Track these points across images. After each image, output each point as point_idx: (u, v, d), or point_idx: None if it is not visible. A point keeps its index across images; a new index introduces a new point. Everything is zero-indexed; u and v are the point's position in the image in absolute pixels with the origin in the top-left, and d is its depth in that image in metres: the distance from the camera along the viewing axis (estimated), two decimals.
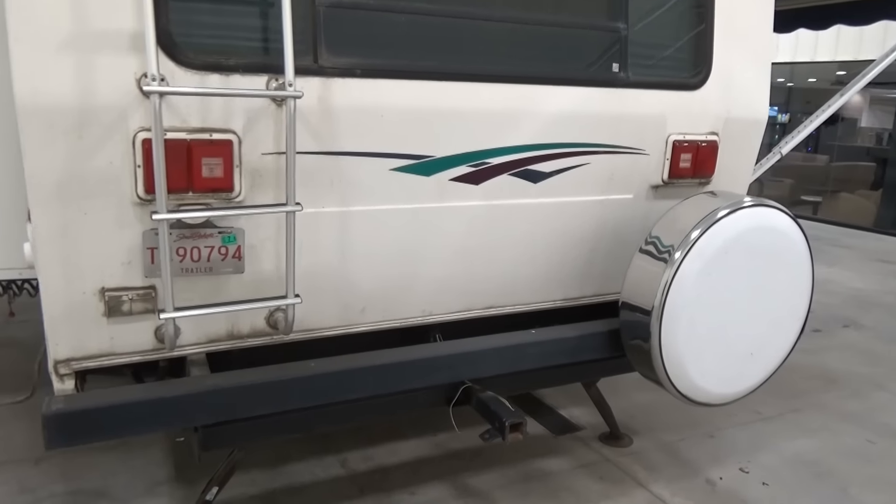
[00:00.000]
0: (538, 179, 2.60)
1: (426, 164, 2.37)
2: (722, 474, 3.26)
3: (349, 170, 2.26)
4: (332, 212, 2.28)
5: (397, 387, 2.34)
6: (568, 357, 2.66)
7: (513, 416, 2.38)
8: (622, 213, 2.84)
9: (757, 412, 3.92)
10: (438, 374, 2.41)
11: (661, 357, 2.45)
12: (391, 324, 2.55)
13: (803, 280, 2.66)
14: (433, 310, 2.61)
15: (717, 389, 2.61)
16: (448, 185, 2.43)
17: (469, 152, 2.44)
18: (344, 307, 2.44)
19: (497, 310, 2.75)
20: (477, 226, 2.55)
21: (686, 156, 2.82)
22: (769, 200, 2.60)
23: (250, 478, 3.07)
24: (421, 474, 3.15)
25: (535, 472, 3.21)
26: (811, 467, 3.35)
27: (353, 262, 2.38)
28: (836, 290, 6.60)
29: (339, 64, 2.14)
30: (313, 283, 2.33)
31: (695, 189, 2.93)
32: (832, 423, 3.83)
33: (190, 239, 2.07)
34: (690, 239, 2.41)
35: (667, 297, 2.39)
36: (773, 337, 2.67)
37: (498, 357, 2.52)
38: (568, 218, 2.73)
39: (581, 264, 2.85)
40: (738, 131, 2.96)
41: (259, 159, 2.09)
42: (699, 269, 2.40)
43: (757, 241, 2.50)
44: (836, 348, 5.04)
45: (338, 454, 3.29)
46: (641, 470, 3.27)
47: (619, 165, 2.76)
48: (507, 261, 2.67)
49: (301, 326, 2.37)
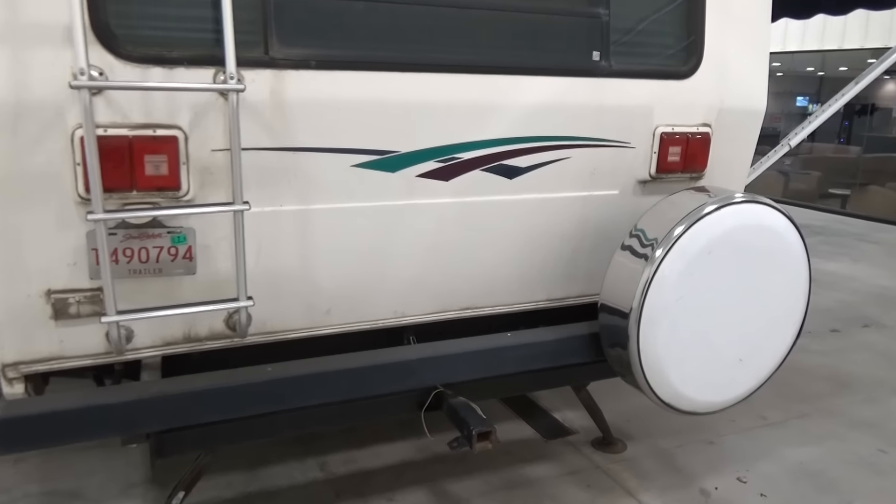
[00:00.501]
0: (514, 175, 2.48)
1: (391, 159, 2.26)
2: (718, 484, 3.11)
3: (308, 166, 2.16)
4: (292, 210, 2.19)
5: (360, 392, 2.24)
6: (546, 361, 2.54)
7: (481, 424, 2.27)
8: (607, 209, 2.70)
9: (762, 417, 3.74)
10: (405, 380, 2.31)
11: (640, 363, 2.31)
12: (360, 325, 2.45)
13: (799, 282, 2.49)
14: (405, 311, 2.51)
15: (703, 397, 2.46)
16: (415, 182, 2.32)
17: (437, 147, 2.32)
18: (308, 308, 2.35)
19: (475, 311, 2.64)
20: (449, 224, 2.44)
21: (675, 149, 2.67)
22: (762, 197, 2.43)
23: (227, 480, 3.01)
24: (402, 479, 3.06)
25: (520, 478, 3.10)
26: (814, 478, 3.17)
27: (317, 261, 2.29)
28: (860, 287, 6.34)
29: (292, 55, 2.04)
30: (274, 284, 2.25)
31: (686, 185, 2.78)
32: (842, 431, 3.63)
33: (137, 239, 1.99)
34: (672, 236, 2.27)
35: (645, 299, 2.25)
36: (765, 342, 2.51)
37: (470, 361, 2.41)
38: (548, 215, 2.60)
39: (564, 264, 2.72)
40: (733, 123, 2.79)
41: (209, 156, 2.01)
42: (681, 269, 2.26)
43: (746, 240, 2.34)
44: (853, 349, 4.81)
45: (319, 456, 3.22)
46: (632, 478, 3.13)
47: (602, 160, 2.62)
48: (483, 260, 2.55)
49: (263, 329, 2.29)
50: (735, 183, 2.93)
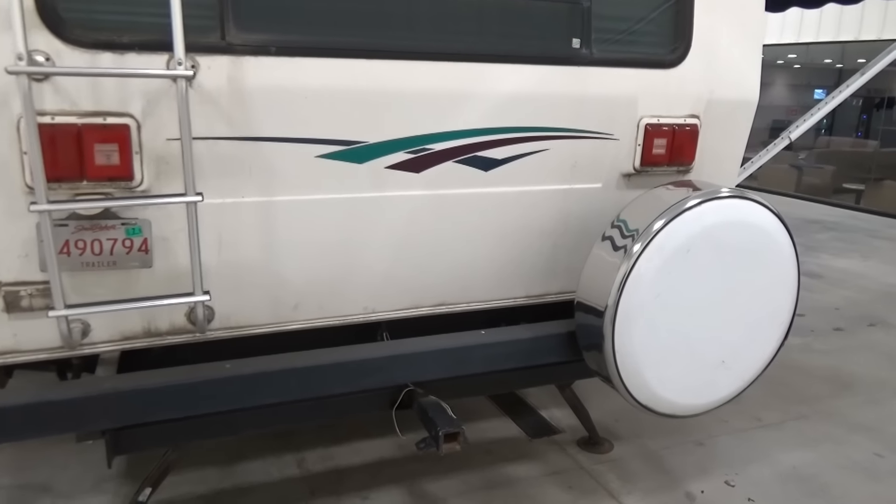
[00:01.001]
0: (489, 167, 2.39)
1: (358, 150, 2.18)
2: (705, 487, 3.01)
3: (270, 157, 2.09)
4: (254, 202, 2.12)
5: (323, 391, 2.18)
6: (521, 361, 2.46)
7: (449, 424, 2.20)
8: (590, 203, 2.61)
9: (757, 418, 3.64)
10: (370, 378, 2.24)
11: (616, 363, 2.22)
12: (329, 321, 2.38)
13: (786, 282, 2.39)
14: (376, 307, 2.44)
15: (682, 400, 2.37)
16: (384, 174, 2.24)
17: (407, 137, 2.24)
18: (274, 303, 2.28)
19: (449, 307, 2.56)
20: (420, 217, 2.36)
21: (661, 141, 2.56)
22: (750, 193, 2.33)
23: (201, 475, 2.96)
24: (379, 477, 3.00)
25: (501, 478, 3.02)
26: (806, 483, 3.07)
27: (282, 255, 2.22)
28: (869, 285, 6.18)
29: (251, 41, 1.97)
30: (237, 278, 2.18)
31: (672, 178, 2.67)
32: (839, 434, 3.52)
33: (89, 231, 1.93)
34: (651, 231, 2.17)
35: (621, 296, 2.16)
36: (750, 344, 2.41)
37: (438, 360, 2.34)
38: (526, 209, 2.51)
39: (544, 260, 2.63)
40: (723, 114, 2.68)
41: (164, 146, 1.94)
42: (658, 267, 2.16)
43: (729, 237, 2.24)
44: (857, 349, 4.68)
45: (297, 452, 3.17)
46: (616, 479, 3.05)
47: (583, 152, 2.52)
48: (457, 255, 2.47)
49: (227, 323, 2.23)
50: (725, 177, 2.82)
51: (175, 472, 2.86)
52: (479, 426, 3.46)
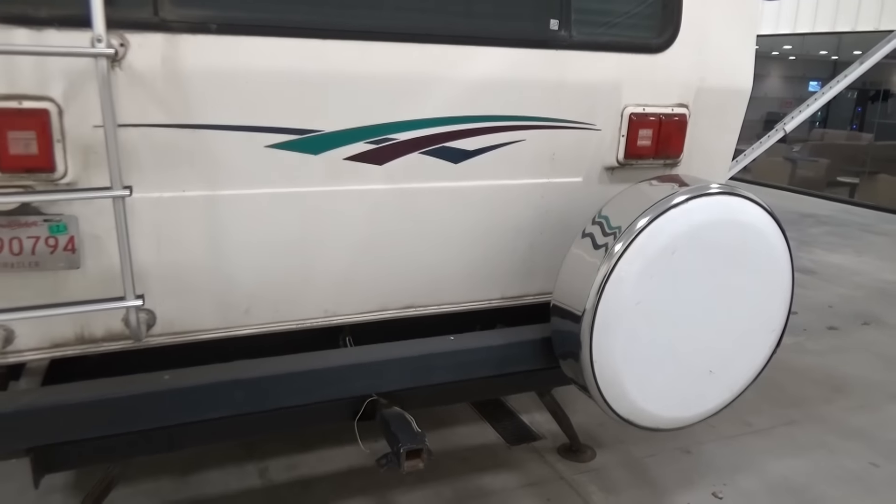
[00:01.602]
0: (459, 159, 2.20)
1: (312, 139, 1.99)
2: (691, 499, 2.85)
3: (214, 147, 1.89)
4: (197, 196, 1.92)
5: (273, 404, 1.99)
6: (493, 369, 2.28)
7: (412, 440, 2.02)
8: (569, 199, 2.42)
9: (747, 423, 3.48)
10: (327, 390, 2.05)
11: (594, 373, 2.05)
12: (285, 326, 2.19)
13: (779, 286, 2.21)
14: (337, 310, 2.25)
15: (667, 413, 2.19)
16: (343, 166, 2.05)
17: (368, 126, 2.04)
18: (223, 307, 2.09)
19: (419, 310, 2.37)
20: (383, 213, 2.16)
21: (646, 132, 2.38)
22: (741, 189, 2.14)
23: (155, 486, 2.78)
24: (347, 488, 2.82)
25: (475, 490, 2.85)
26: (797, 495, 2.91)
27: (230, 255, 2.03)
28: (863, 282, 6.03)
29: (188, 17, 1.77)
30: (180, 280, 1.99)
31: (658, 172, 2.49)
32: (831, 440, 3.36)
33: (7, 228, 1.74)
34: (632, 231, 1.99)
35: (600, 300, 1.98)
36: (740, 352, 2.24)
37: (404, 369, 2.15)
38: (500, 205, 2.32)
39: (521, 259, 2.45)
40: (714, 103, 2.49)
41: (92, 133, 1.74)
42: (640, 270, 1.98)
43: (718, 237, 2.06)
44: (850, 349, 4.53)
45: (260, 461, 2.99)
46: (598, 491, 2.88)
47: (562, 143, 2.33)
48: (426, 254, 2.28)
49: (171, 329, 2.04)
50: (716, 172, 2.64)
51: (125, 482, 2.69)
52: (454, 431, 3.29)
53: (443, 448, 3.14)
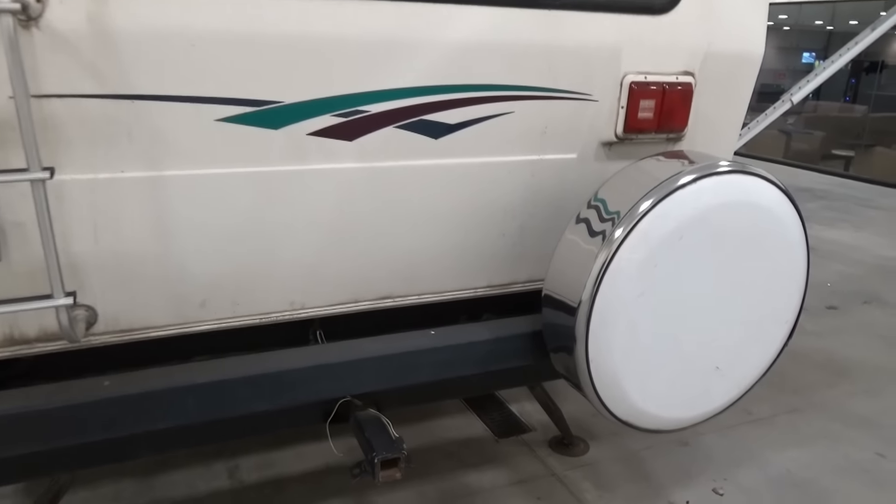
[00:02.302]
0: (440, 134, 1.96)
1: (271, 112, 1.74)
2: (690, 496, 2.68)
3: (155, 121, 1.64)
4: (137, 177, 1.68)
5: (230, 412, 1.77)
6: (479, 366, 2.07)
7: (387, 448, 1.81)
8: (563, 177, 2.19)
9: (747, 412, 3.31)
10: (291, 394, 1.84)
11: (589, 371, 1.84)
12: (247, 320, 1.97)
13: (794, 273, 2.01)
14: (305, 302, 2.02)
15: (669, 414, 2.00)
16: (307, 142, 1.81)
17: (335, 97, 1.80)
18: (175, 301, 1.86)
19: (397, 301, 2.15)
20: (355, 195, 1.93)
21: (648, 103, 2.14)
22: (753, 167, 1.92)
23: (117, 489, 2.58)
24: (323, 488, 2.63)
25: (461, 489, 2.67)
26: (802, 489, 2.75)
27: (180, 243, 1.79)
28: (862, 258, 5.87)
29: None
30: (124, 272, 1.76)
31: (661, 148, 2.26)
32: (836, 429, 3.20)
33: None
34: (635, 214, 1.76)
35: (598, 291, 1.77)
36: (749, 346, 2.04)
37: (379, 368, 1.94)
38: (486, 184, 2.10)
39: (509, 244, 2.23)
40: (722, 71, 2.26)
41: (6, 105, 1.48)
42: (642, 259, 1.76)
43: (729, 221, 1.85)
44: (851, 330, 4.36)
45: (231, 459, 2.79)
46: (591, 488, 2.70)
47: (555, 116, 2.09)
48: (403, 240, 2.06)
49: (116, 326, 1.81)
50: (723, 147, 2.41)
51: (83, 485, 2.49)
52: (439, 424, 3.11)
53: (426, 443, 2.96)
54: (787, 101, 3.24)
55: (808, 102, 15.41)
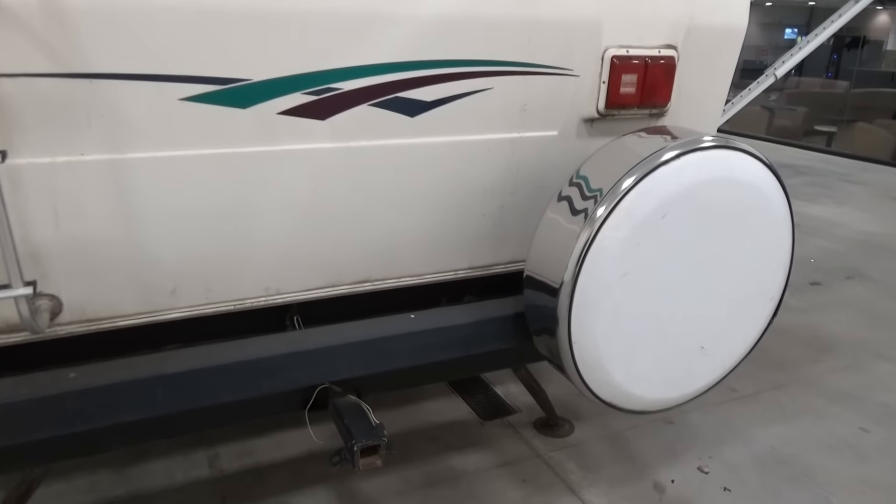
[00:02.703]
0: (416, 111, 1.90)
1: (238, 90, 1.67)
2: (675, 475, 2.67)
3: (116, 101, 1.57)
4: (99, 160, 1.61)
5: (202, 402, 1.72)
6: (460, 350, 2.03)
7: (366, 435, 1.77)
8: (544, 155, 2.14)
9: (732, 389, 3.30)
10: (266, 382, 1.79)
11: (573, 355, 1.80)
12: (221, 307, 1.91)
13: (779, 250, 1.98)
14: (280, 287, 1.97)
15: (654, 394, 1.97)
16: (277, 121, 1.74)
17: (305, 74, 1.73)
18: (144, 288, 1.80)
19: (376, 284, 2.10)
20: (329, 176, 1.87)
21: (630, 77, 2.09)
22: (738, 141, 1.88)
23: (93, 481, 2.52)
24: (304, 476, 2.59)
25: (445, 472, 2.64)
26: (786, 466, 2.75)
27: (147, 228, 1.72)
28: (844, 234, 5.88)
29: None
30: (88, 259, 1.69)
31: (644, 123, 2.22)
32: (820, 405, 3.21)
33: None
34: (618, 191, 1.72)
35: (580, 272, 1.73)
36: (734, 325, 2.01)
37: (358, 354, 1.89)
38: (465, 163, 2.04)
39: (490, 224, 2.18)
40: (705, 45, 2.21)
41: None
42: (625, 238, 1.72)
43: (713, 198, 1.81)
44: (835, 306, 4.37)
45: (210, 448, 2.74)
46: (576, 469, 2.69)
47: (535, 92, 2.04)
48: (381, 222, 2.00)
49: (82, 316, 1.75)
50: (706, 122, 2.38)
51: (57, 477, 2.43)
52: (422, 407, 3.07)
53: (410, 426, 2.93)
54: (770, 75, 3.20)
55: (790, 78, 15.43)
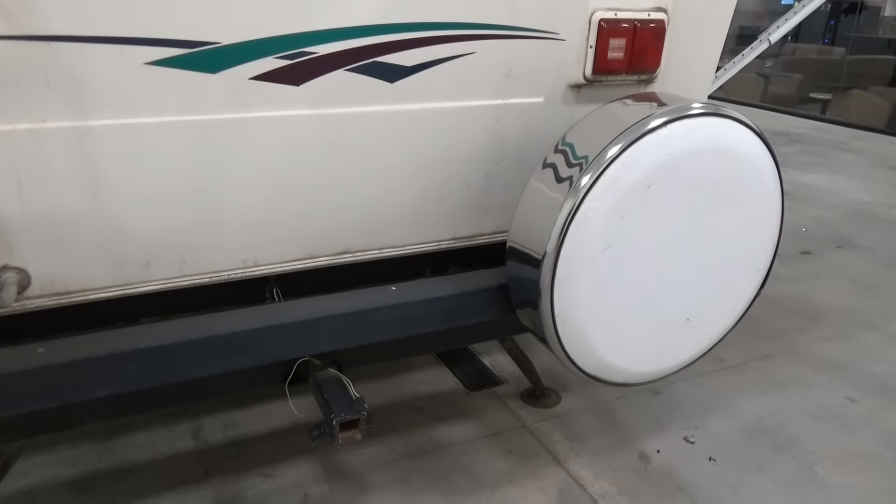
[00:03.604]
0: (395, 77, 1.83)
1: (207, 54, 1.60)
2: (661, 446, 2.67)
3: (77, 65, 1.49)
4: (61, 128, 1.54)
5: (176, 376, 1.68)
6: (442, 322, 1.99)
7: (346, 409, 1.74)
8: (529, 122, 2.08)
9: (719, 359, 3.29)
10: (243, 356, 1.75)
11: (556, 327, 1.77)
12: (196, 280, 1.86)
13: (768, 221, 1.93)
14: (258, 259, 1.92)
15: (638, 367, 1.95)
16: (249, 87, 1.67)
17: (278, 37, 1.65)
18: (115, 261, 1.74)
19: (357, 255, 2.06)
20: (306, 144, 1.81)
21: (618, 42, 2.02)
22: (727, 109, 1.82)
23: (76, 453, 2.50)
24: (289, 447, 2.57)
25: (430, 444, 2.63)
26: (772, 436, 2.75)
27: (116, 198, 1.66)
28: (836, 202, 5.85)
29: None
30: (56, 231, 1.64)
31: (633, 89, 2.15)
32: (806, 375, 3.20)
33: None
34: (603, 159, 1.66)
35: (563, 243, 1.68)
36: (720, 297, 1.98)
37: (337, 327, 1.85)
38: (447, 131, 1.98)
39: (474, 194, 2.13)
40: (696, 8, 2.14)
41: None
42: (610, 208, 1.67)
43: (701, 167, 1.75)
44: (825, 275, 4.36)
45: (194, 419, 2.72)
46: (562, 440, 2.68)
47: (520, 56, 1.97)
48: (361, 191, 1.95)
49: (51, 289, 1.70)
50: (697, 88, 2.31)
51: (38, 451, 2.41)
52: (408, 378, 3.06)
53: (396, 398, 2.91)
54: (764, 40, 3.12)
55: (786, 45, 15.22)
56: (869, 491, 2.46)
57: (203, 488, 2.36)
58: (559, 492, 2.40)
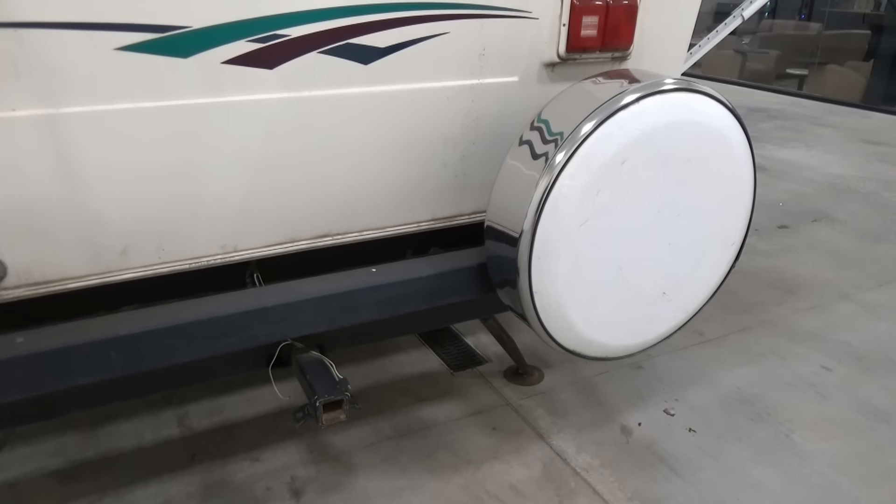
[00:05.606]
0: (370, 59, 1.83)
1: (177, 38, 1.59)
2: (642, 419, 2.72)
3: (46, 51, 1.48)
4: (33, 116, 1.53)
5: (157, 363, 1.68)
6: (423, 302, 2.01)
7: (329, 391, 1.76)
8: (505, 102, 2.09)
9: (699, 333, 3.35)
10: (225, 341, 1.75)
11: (534, 304, 1.80)
12: (175, 266, 1.86)
13: (740, 195, 1.96)
14: (238, 244, 1.92)
15: (615, 341, 1.98)
16: (221, 71, 1.66)
17: (249, 20, 1.65)
18: (93, 249, 1.74)
19: (337, 238, 2.07)
20: (281, 128, 1.81)
21: (591, 19, 2.03)
22: (699, 84, 1.84)
23: (61, 443, 2.50)
24: (274, 432, 2.59)
25: (415, 423, 2.66)
26: (749, 406, 2.81)
27: (91, 186, 1.66)
28: (812, 177, 5.93)
29: None
30: (31, 220, 1.63)
31: (607, 67, 2.17)
32: (784, 346, 3.27)
33: None
34: (577, 136, 1.68)
35: (539, 221, 1.70)
36: (696, 271, 2.01)
37: (319, 309, 1.86)
38: (422, 112, 1.99)
39: (451, 174, 2.14)
40: None
41: None
42: (585, 185, 1.70)
43: (674, 142, 1.78)
44: (801, 248, 4.43)
45: (179, 406, 2.72)
46: (545, 416, 2.72)
47: (493, 35, 1.97)
48: (338, 174, 1.95)
49: (29, 279, 1.70)
50: (670, 65, 2.33)
51: (23, 441, 2.41)
52: (392, 360, 3.08)
53: (381, 379, 2.93)
54: (737, 16, 3.15)
55: (763, 21, 15.28)
56: (843, 456, 2.52)
57: (190, 474, 2.37)
58: (543, 466, 2.44)
